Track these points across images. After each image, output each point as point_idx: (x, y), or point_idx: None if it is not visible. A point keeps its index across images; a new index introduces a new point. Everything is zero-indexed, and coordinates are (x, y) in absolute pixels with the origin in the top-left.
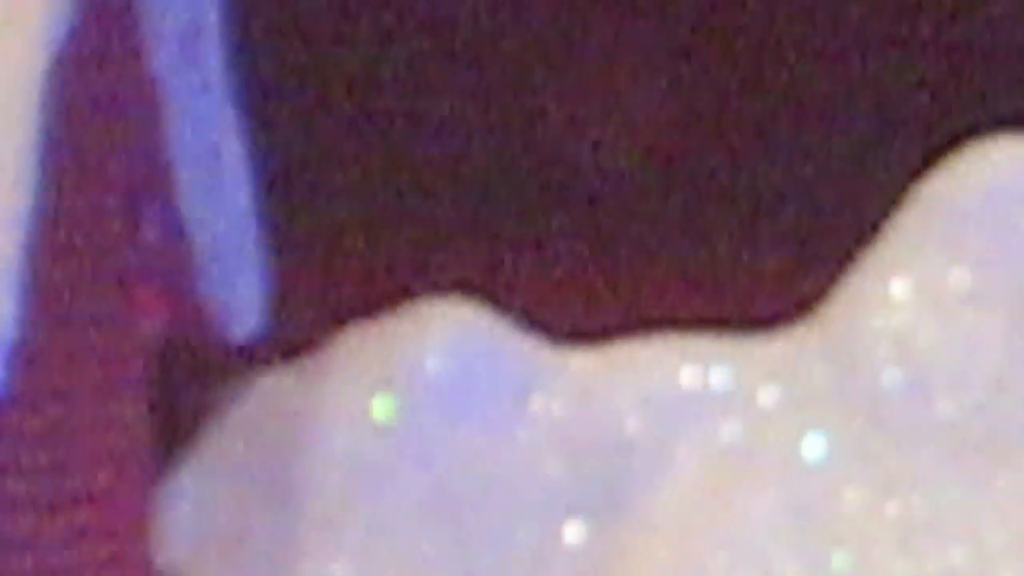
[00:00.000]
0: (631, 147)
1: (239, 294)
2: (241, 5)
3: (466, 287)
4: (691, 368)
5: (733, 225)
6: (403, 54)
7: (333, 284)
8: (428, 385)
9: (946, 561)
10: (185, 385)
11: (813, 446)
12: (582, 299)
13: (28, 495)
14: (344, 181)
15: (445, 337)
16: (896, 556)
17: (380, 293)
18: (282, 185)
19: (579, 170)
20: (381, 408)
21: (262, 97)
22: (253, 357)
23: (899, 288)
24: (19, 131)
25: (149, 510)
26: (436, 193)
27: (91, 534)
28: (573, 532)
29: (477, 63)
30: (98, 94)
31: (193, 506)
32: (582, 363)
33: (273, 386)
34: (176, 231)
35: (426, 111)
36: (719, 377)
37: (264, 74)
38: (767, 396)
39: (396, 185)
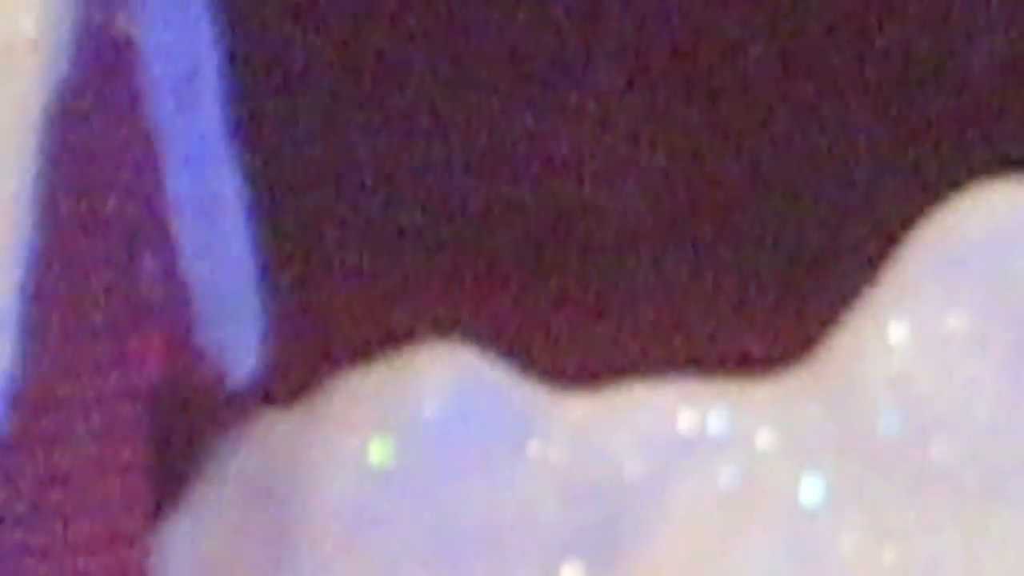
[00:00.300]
0: (630, 193)
1: (237, 339)
2: (237, 52)
3: (464, 331)
4: (688, 412)
5: (731, 269)
6: (402, 101)
7: (331, 329)
8: (426, 429)
9: None
10: (182, 430)
11: (811, 490)
12: (580, 343)
13: (24, 541)
14: (342, 228)
15: (443, 381)
16: None
17: (378, 338)
18: (280, 231)
19: (578, 216)
20: (378, 452)
21: (259, 145)
22: (250, 402)
23: (897, 332)
24: (16, 177)
25: (146, 556)
26: (434, 239)
27: None
28: (570, 575)
29: (477, 108)
30: (97, 141)
31: (190, 552)
32: (579, 407)
33: (270, 431)
34: (174, 278)
35: (425, 159)
36: (716, 421)
37: (261, 121)
38: (764, 440)
39: (394, 230)
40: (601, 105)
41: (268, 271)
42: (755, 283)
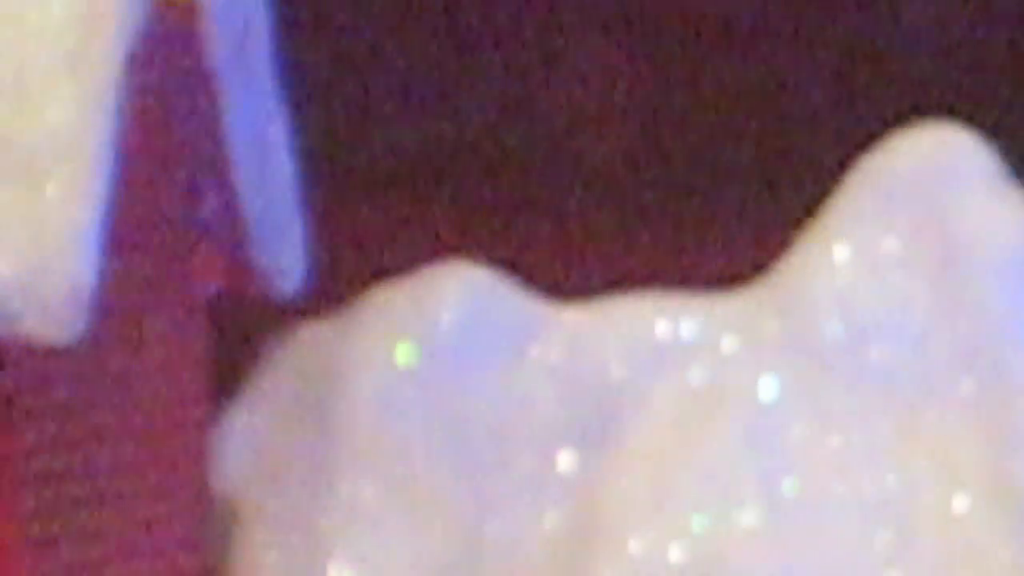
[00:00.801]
0: (615, 139)
1: (284, 257)
2: (282, 13)
3: (475, 254)
4: (664, 322)
5: (699, 202)
6: (417, 73)
7: (363, 249)
8: (443, 336)
9: (880, 486)
10: (237, 336)
11: (767, 388)
12: (573, 264)
13: (100, 428)
14: (371, 167)
15: (458, 295)
16: (837, 482)
17: (402, 259)
18: (319, 169)
19: (571, 158)
20: (404, 355)
21: (302, 95)
22: (296, 311)
23: (839, 253)
24: (99, 115)
25: (206, 444)
26: (452, 177)
27: (155, 464)
28: (565, 460)
29: (486, 75)
30: (167, 87)
31: (244, 440)
32: (573, 318)
33: (312, 336)
34: (231, 204)
35: (443, 112)
36: (687, 330)
37: (303, 75)
38: (728, 346)
39: (417, 170)
40: (590, 74)
41: (310, 202)
42: (719, 214)
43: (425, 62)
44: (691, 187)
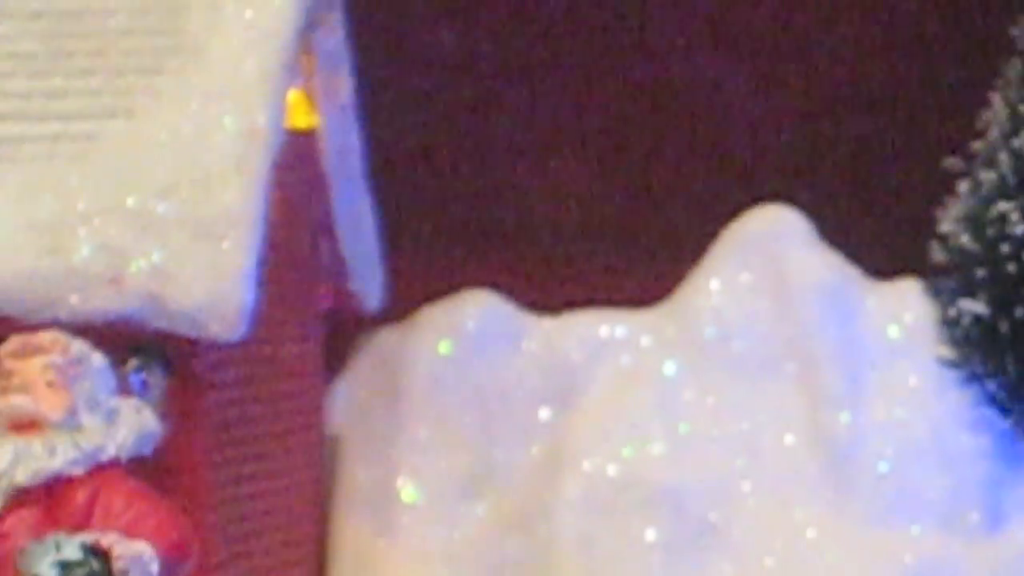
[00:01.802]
0: (578, 217)
1: (369, 286)
2: (371, 131)
3: (487, 286)
4: (605, 327)
5: (628, 258)
6: (447, 158)
7: (419, 282)
8: (468, 336)
9: (739, 428)
10: (341, 338)
11: (669, 368)
12: (549, 293)
13: (257, 393)
14: (419, 234)
15: (477, 311)
16: (713, 427)
17: (442, 289)
18: (391, 231)
19: (549, 231)
20: (444, 348)
21: (379, 179)
22: (377, 321)
23: (714, 284)
24: (256, 198)
25: (322, 404)
26: (472, 239)
27: (293, 415)
28: (544, 413)
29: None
30: (297, 179)
31: (345, 400)
32: (549, 324)
33: (387, 336)
34: (336, 252)
35: (470, 202)
36: (620, 332)
37: (379, 170)
38: (645, 342)
39: (449, 236)
40: (554, 152)
41: (384, 251)
42: (641, 264)
43: (457, 172)
44: (624, 248)
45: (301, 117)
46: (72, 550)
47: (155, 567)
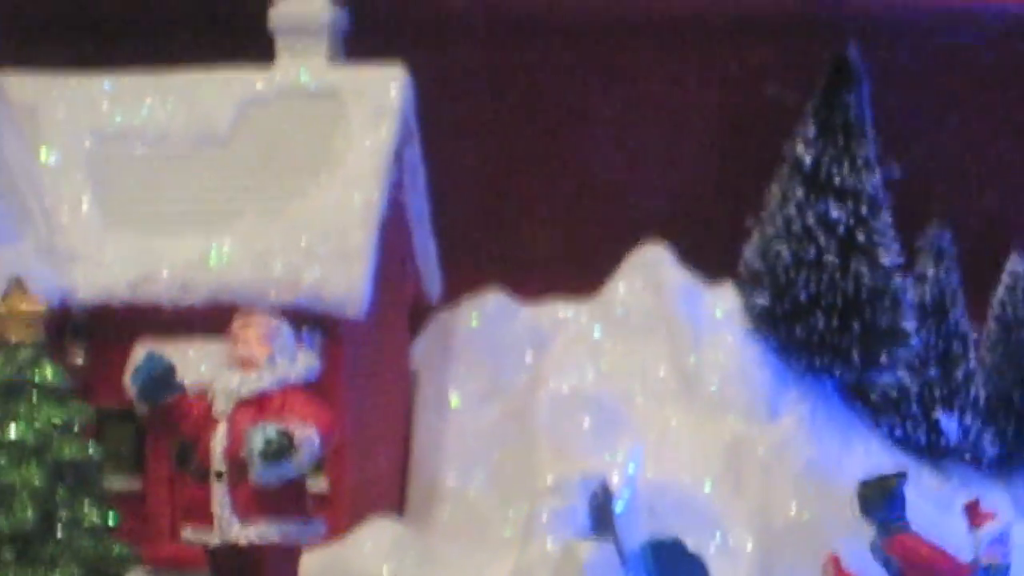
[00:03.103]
0: (544, 244)
1: (432, 285)
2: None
3: (498, 286)
4: (563, 310)
5: (574, 271)
6: (484, 190)
7: (463, 282)
8: (487, 315)
9: (636, 365)
10: (418, 319)
11: (597, 331)
12: (533, 291)
13: (373, 353)
14: (461, 246)
15: (493, 301)
16: (620, 366)
17: (472, 286)
18: (442, 245)
19: (527, 253)
20: (475, 320)
21: (435, 210)
22: (437, 307)
23: (622, 286)
24: (373, 225)
25: (407, 359)
26: (493, 259)
27: (392, 366)
28: (528, 358)
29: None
30: (394, 224)
31: (419, 356)
32: (533, 308)
33: (446, 318)
34: (415, 267)
35: (486, 212)
36: (571, 312)
37: (435, 204)
38: (584, 317)
39: (471, 251)
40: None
41: (441, 266)
42: (581, 276)
43: (478, 225)
44: (573, 267)
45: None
46: (272, 431)
47: (317, 441)
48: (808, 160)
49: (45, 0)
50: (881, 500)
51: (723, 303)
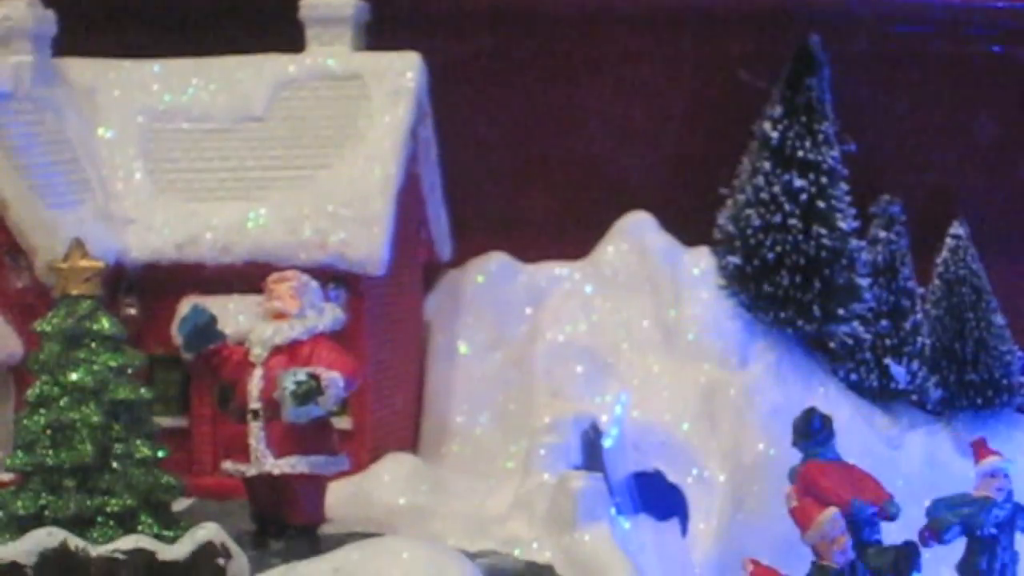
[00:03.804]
0: (542, 210)
1: (443, 247)
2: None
3: (501, 249)
4: (559, 268)
5: (569, 233)
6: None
7: (470, 245)
8: (491, 272)
9: (623, 318)
10: (431, 277)
11: (589, 288)
12: (532, 252)
13: (392, 308)
14: (469, 212)
15: (495, 261)
16: (609, 318)
17: (478, 250)
18: (452, 214)
19: (527, 218)
20: (480, 278)
21: (447, 179)
22: (447, 266)
23: (610, 248)
24: (392, 193)
25: (421, 313)
26: (495, 225)
27: (408, 322)
28: (528, 312)
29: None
30: (409, 192)
31: (431, 309)
32: (532, 268)
33: (455, 276)
34: (428, 230)
35: (489, 184)
36: (566, 271)
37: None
38: (577, 275)
39: (485, 220)
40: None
41: (451, 230)
42: (575, 238)
43: (485, 193)
44: (568, 230)
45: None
46: (302, 375)
47: (342, 384)
48: (775, 137)
49: None
50: (799, 430)
51: (700, 263)
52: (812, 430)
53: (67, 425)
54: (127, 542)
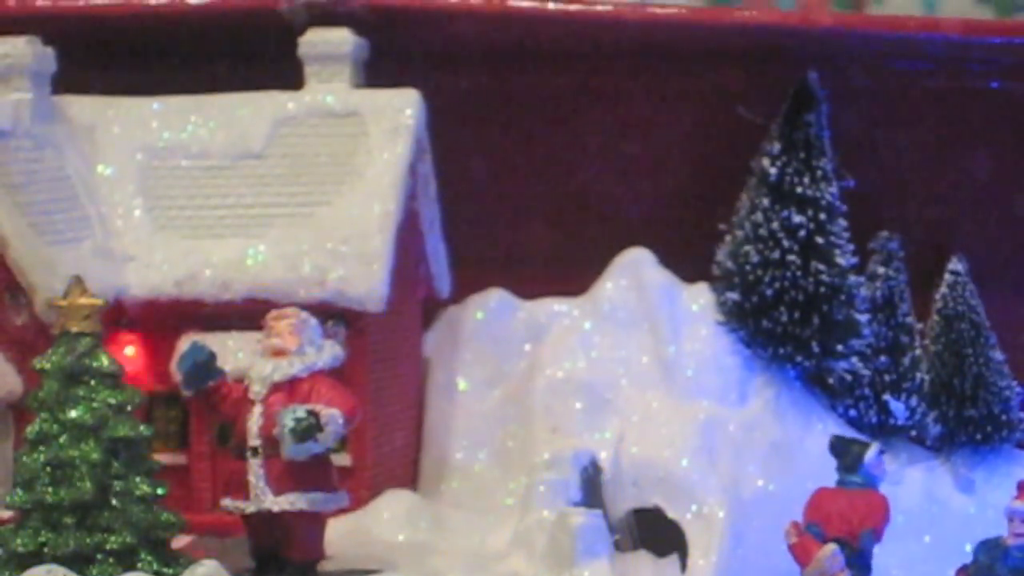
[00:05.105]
0: (539, 247)
1: (442, 284)
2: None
3: (500, 286)
4: (558, 305)
5: (567, 272)
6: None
7: (468, 284)
8: (491, 310)
9: (621, 355)
10: (430, 311)
11: (587, 324)
12: (530, 290)
13: (390, 343)
14: (468, 247)
15: (495, 297)
16: (608, 355)
17: (477, 287)
18: (451, 247)
19: (523, 255)
20: (479, 315)
21: (445, 211)
22: (446, 303)
23: (609, 285)
24: (390, 230)
25: (420, 345)
26: (495, 263)
27: (407, 352)
28: (527, 348)
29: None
30: (409, 230)
31: (431, 344)
32: (530, 304)
33: (454, 312)
34: (428, 268)
35: (490, 217)
36: (564, 308)
37: (446, 207)
38: (576, 312)
39: (484, 256)
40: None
41: (451, 267)
42: (574, 276)
43: (481, 230)
44: (566, 269)
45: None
46: (301, 412)
47: (341, 421)
48: (773, 173)
49: (102, 34)
50: (836, 456)
51: (698, 299)
52: (840, 459)
53: (66, 462)
54: None
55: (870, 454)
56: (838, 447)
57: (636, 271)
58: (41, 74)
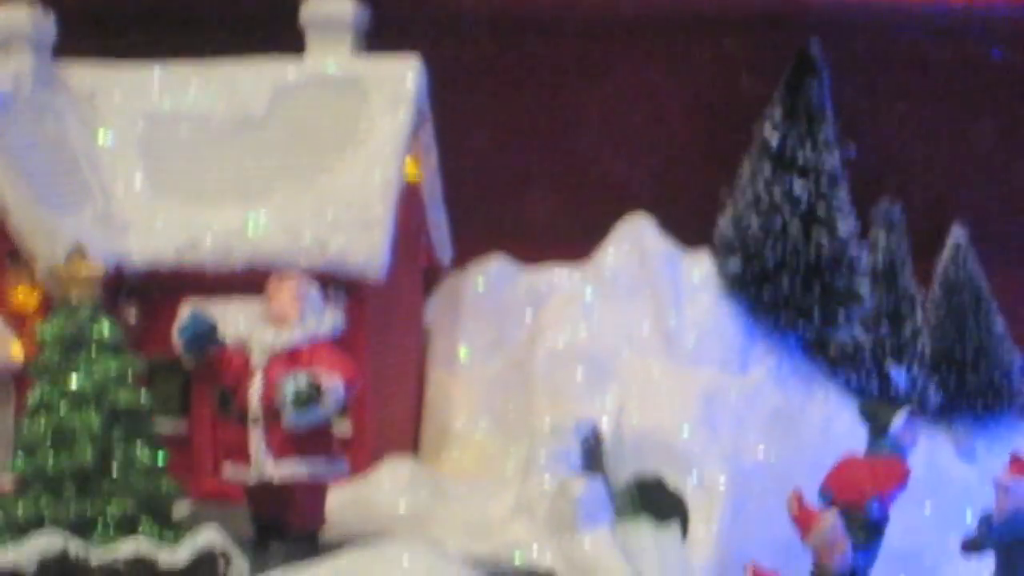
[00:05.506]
0: (543, 214)
1: (443, 252)
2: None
3: (501, 252)
4: (559, 272)
5: (569, 238)
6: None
7: (469, 250)
8: (491, 276)
9: (623, 322)
10: (431, 282)
11: (589, 292)
12: (532, 256)
13: (390, 311)
14: (471, 220)
15: (495, 265)
16: (609, 322)
17: (478, 253)
18: (455, 224)
19: (527, 222)
20: (480, 285)
21: (448, 189)
22: (448, 271)
23: (611, 252)
24: (391, 199)
25: (421, 316)
26: (497, 229)
27: (408, 324)
28: (528, 315)
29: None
30: (410, 200)
31: (432, 314)
32: (532, 271)
33: (454, 279)
34: (429, 237)
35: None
36: (565, 275)
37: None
38: (577, 279)
39: (478, 227)
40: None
41: (452, 235)
42: (575, 243)
43: (487, 198)
44: (568, 235)
45: (412, 171)
46: (301, 379)
47: (342, 389)
48: (775, 141)
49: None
50: (866, 421)
51: (700, 268)
52: (871, 427)
53: (67, 431)
54: (127, 546)
55: (897, 420)
56: (867, 413)
57: (638, 239)
58: (41, 41)
